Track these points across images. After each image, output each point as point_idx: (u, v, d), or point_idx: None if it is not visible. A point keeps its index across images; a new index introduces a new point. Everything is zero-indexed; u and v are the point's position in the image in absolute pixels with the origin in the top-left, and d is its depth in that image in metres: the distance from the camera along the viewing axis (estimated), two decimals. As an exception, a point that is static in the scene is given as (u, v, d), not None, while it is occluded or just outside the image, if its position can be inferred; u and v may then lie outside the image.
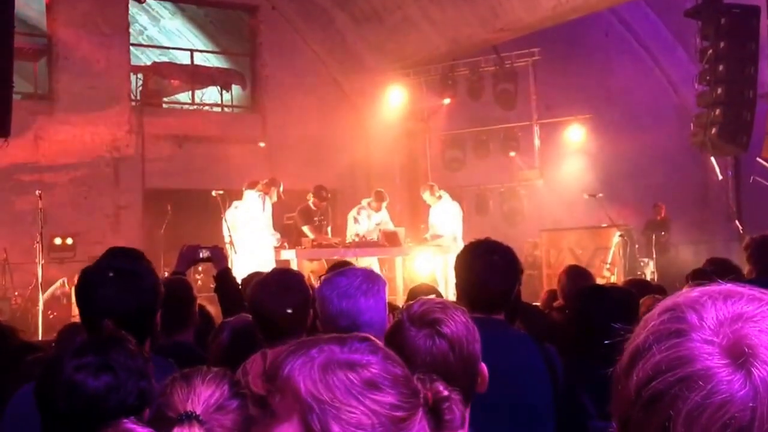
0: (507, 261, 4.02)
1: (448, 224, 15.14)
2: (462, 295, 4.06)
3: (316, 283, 4.22)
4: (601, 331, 1.25)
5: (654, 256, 16.70)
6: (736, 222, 16.06)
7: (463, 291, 4.06)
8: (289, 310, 3.94)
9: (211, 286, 15.42)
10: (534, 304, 7.91)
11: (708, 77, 14.91)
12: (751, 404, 1.07)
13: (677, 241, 18.68)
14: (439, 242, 15.00)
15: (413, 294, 6.43)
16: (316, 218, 14.54)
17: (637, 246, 16.54)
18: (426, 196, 15.51)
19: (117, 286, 3.32)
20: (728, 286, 1.21)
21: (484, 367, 2.62)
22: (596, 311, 4.46)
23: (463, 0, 16.47)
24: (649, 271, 16.08)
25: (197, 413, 2.12)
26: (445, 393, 1.61)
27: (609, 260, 15.10)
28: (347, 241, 14.50)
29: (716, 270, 6.96)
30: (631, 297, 4.87)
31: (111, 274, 3.38)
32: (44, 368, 2.60)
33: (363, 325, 3.34)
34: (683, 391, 1.10)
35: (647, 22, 20.52)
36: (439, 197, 15.37)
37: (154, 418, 2.23)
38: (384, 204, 15.20)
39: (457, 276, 4.13)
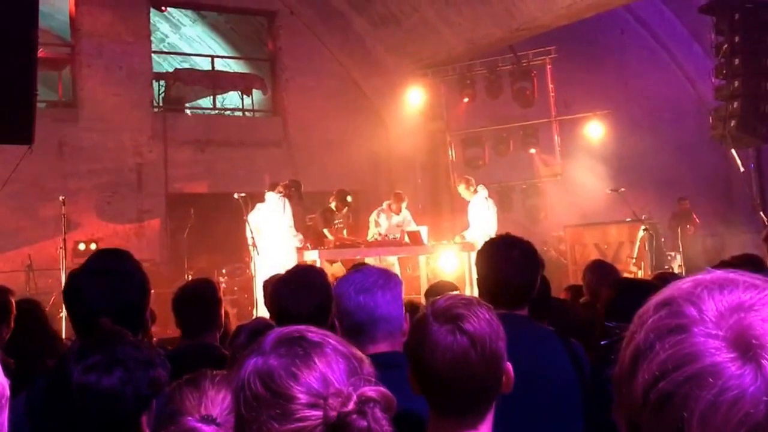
0: (527, 256, 4.00)
1: (482, 220, 14.88)
2: (483, 291, 4.01)
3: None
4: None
5: (681, 249, 16.61)
6: (761, 214, 15.98)
7: (485, 287, 4.02)
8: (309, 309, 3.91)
9: (235, 288, 15.54)
10: (560, 298, 7.84)
11: (724, 71, 14.93)
12: (765, 398, 1.03)
13: (704, 233, 18.60)
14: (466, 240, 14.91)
15: (431, 291, 6.41)
16: (336, 221, 14.59)
17: (663, 240, 16.47)
18: (461, 189, 15.35)
19: (104, 286, 3.34)
20: (722, 275, 1.18)
21: (509, 366, 2.54)
22: (624, 303, 4.16)
23: (478, 1, 16.52)
24: (677, 264, 15.99)
25: (214, 416, 2.13)
26: (348, 408, 1.53)
27: (635, 254, 15.00)
28: (369, 240, 14.58)
29: (742, 264, 6.95)
30: (657, 290, 4.70)
31: (97, 275, 3.40)
32: (50, 377, 2.59)
33: (380, 319, 3.29)
34: (693, 390, 1.07)
35: (662, 19, 20.52)
36: (475, 191, 15.16)
37: (168, 424, 2.22)
38: (404, 205, 15.13)
39: (478, 272, 4.11)
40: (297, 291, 4.04)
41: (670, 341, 1.11)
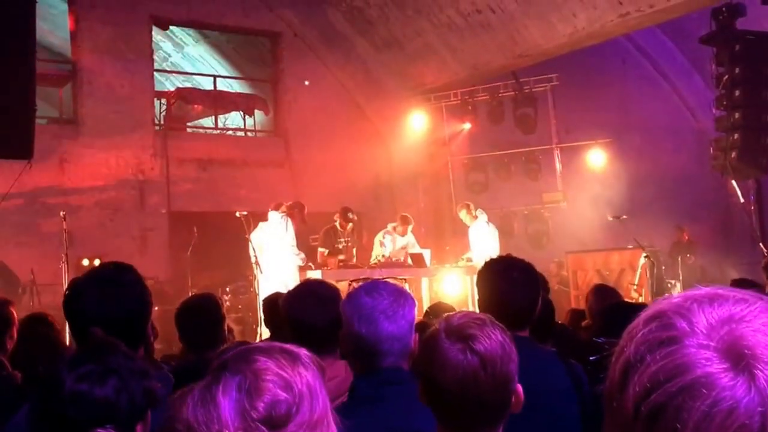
0: (527, 276, 4.02)
1: (485, 244, 14.97)
2: (484, 312, 4.01)
3: None
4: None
5: (681, 277, 16.71)
6: (761, 245, 16.02)
7: (485, 308, 3.97)
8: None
9: (239, 307, 15.54)
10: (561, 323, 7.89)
11: (725, 102, 14.93)
12: (759, 409, 1.02)
13: (704, 263, 18.67)
14: (472, 263, 14.98)
15: (431, 313, 6.40)
16: (342, 239, 14.62)
17: (664, 268, 16.51)
18: (462, 215, 15.50)
19: (103, 294, 3.32)
20: (711, 290, 1.17)
21: (519, 388, 2.54)
22: (620, 327, 4.27)
23: (481, 27, 16.61)
24: (676, 292, 15.95)
25: None
26: None
27: (636, 281, 15.04)
28: (372, 262, 14.60)
29: (742, 287, 6.97)
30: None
31: (97, 283, 3.40)
32: (42, 386, 2.55)
33: (381, 353, 3.20)
34: (687, 401, 1.04)
35: (663, 50, 20.66)
36: (475, 217, 15.33)
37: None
38: (409, 228, 15.23)
39: (479, 293, 4.12)
40: (312, 305, 4.01)
41: (661, 353, 1.09)
